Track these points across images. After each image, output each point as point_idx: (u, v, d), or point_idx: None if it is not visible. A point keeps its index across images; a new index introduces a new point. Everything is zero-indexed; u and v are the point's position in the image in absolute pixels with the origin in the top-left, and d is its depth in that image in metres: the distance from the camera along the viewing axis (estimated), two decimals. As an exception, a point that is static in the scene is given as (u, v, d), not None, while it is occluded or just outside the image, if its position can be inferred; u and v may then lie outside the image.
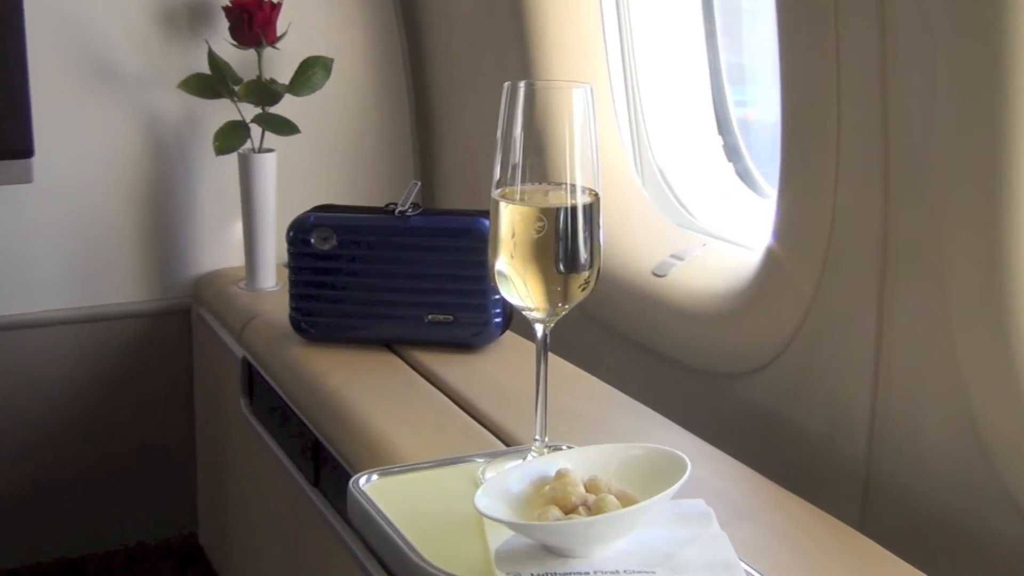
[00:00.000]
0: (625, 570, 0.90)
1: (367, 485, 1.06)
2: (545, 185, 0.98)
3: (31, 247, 1.99)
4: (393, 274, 1.52)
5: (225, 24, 1.91)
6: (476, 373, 1.46)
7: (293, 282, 1.57)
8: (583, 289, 1.00)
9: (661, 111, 1.86)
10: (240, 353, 1.77)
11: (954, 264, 1.10)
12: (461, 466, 1.10)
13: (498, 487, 0.95)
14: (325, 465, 1.44)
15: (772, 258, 1.37)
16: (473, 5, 1.98)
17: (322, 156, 2.12)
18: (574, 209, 0.98)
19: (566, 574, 0.90)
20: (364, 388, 1.43)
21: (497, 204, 0.99)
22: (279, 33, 1.91)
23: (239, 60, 1.93)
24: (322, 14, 2.09)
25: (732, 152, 1.83)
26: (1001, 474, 1.08)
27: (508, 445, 1.23)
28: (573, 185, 0.97)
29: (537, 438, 1.06)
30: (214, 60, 1.88)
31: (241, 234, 1.96)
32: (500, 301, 1.50)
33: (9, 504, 2.05)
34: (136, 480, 2.11)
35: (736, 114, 1.84)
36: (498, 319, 1.52)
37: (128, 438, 2.10)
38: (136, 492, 2.11)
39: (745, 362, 1.43)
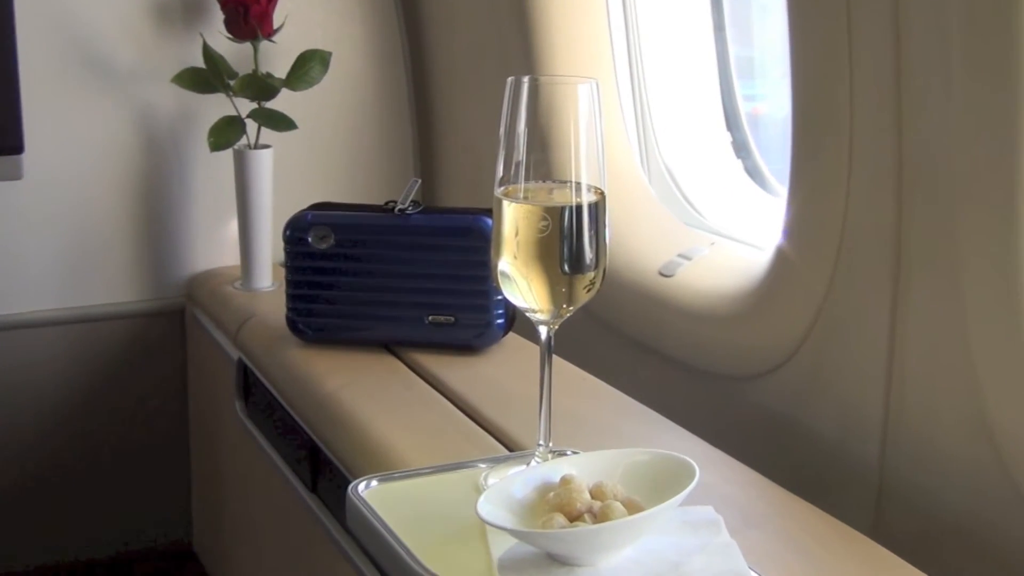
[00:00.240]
0: (632, 579, 0.91)
1: (366, 491, 1.06)
2: (549, 183, 0.98)
3: (20, 245, 1.99)
4: (393, 274, 1.52)
5: (220, 16, 1.92)
6: (478, 376, 1.46)
7: (290, 282, 1.57)
8: (588, 290, 1.00)
9: (668, 106, 1.86)
10: (235, 355, 1.77)
11: (969, 264, 1.10)
12: (463, 472, 1.10)
13: (501, 494, 0.95)
14: (323, 471, 1.44)
15: (782, 258, 1.37)
16: (475, -3, 1.99)
17: (320, 152, 2.12)
18: (579, 208, 0.98)
19: (571, 583, 0.90)
20: (363, 391, 1.43)
21: (500, 203, 0.99)
22: (276, 26, 1.91)
23: (234, 54, 1.93)
24: (320, 6, 2.09)
25: (741, 148, 1.83)
26: (1018, 479, 1.08)
27: (511, 450, 1.23)
28: (578, 183, 0.97)
29: (541, 443, 1.06)
30: (209, 54, 1.88)
31: (236, 232, 1.96)
32: (503, 301, 1.50)
33: None
34: (128, 486, 2.11)
35: (745, 108, 1.84)
36: (500, 320, 1.52)
37: (120, 443, 2.10)
38: (129, 498, 2.11)
39: (754, 364, 1.43)
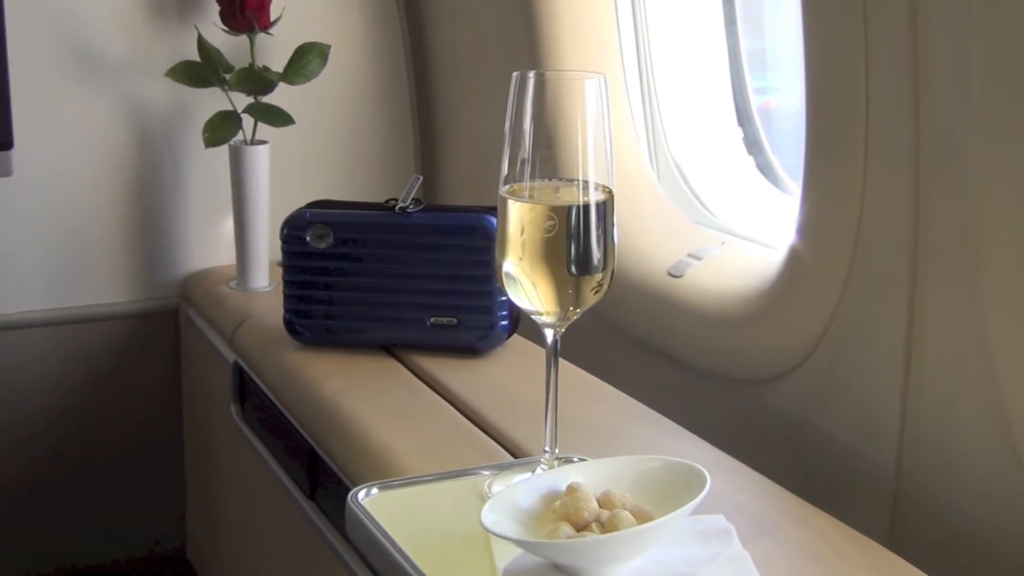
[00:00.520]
0: (641, 590, 0.91)
1: (366, 499, 1.06)
2: (556, 181, 0.98)
3: (9, 244, 1.99)
4: (393, 274, 1.52)
5: (215, 8, 1.92)
6: (482, 379, 1.46)
7: (287, 282, 1.57)
8: (596, 292, 1.00)
9: (677, 102, 1.86)
10: (231, 357, 1.77)
11: (989, 264, 1.10)
12: (466, 479, 1.10)
13: (506, 502, 0.95)
14: (321, 477, 1.44)
15: (796, 257, 1.37)
16: (478, -12, 1.99)
17: (318, 148, 2.12)
18: (587, 207, 0.97)
19: (578, 595, 0.90)
20: (363, 395, 1.43)
21: (505, 202, 0.99)
22: (273, 18, 1.91)
23: (230, 47, 1.93)
24: (318, -2, 2.10)
25: (753, 144, 1.83)
26: (1039, 488, 1.08)
27: (516, 457, 1.23)
28: (585, 181, 0.97)
29: (547, 449, 1.06)
30: (204, 47, 1.88)
31: (232, 231, 1.96)
32: (507, 303, 1.50)
33: None
34: (121, 492, 2.11)
35: (757, 101, 1.84)
36: (505, 322, 1.52)
37: (111, 447, 2.10)
38: (121, 505, 2.11)
39: (767, 368, 1.43)
